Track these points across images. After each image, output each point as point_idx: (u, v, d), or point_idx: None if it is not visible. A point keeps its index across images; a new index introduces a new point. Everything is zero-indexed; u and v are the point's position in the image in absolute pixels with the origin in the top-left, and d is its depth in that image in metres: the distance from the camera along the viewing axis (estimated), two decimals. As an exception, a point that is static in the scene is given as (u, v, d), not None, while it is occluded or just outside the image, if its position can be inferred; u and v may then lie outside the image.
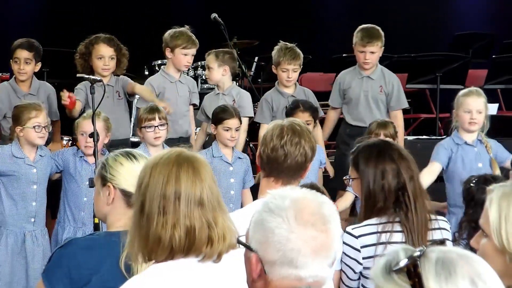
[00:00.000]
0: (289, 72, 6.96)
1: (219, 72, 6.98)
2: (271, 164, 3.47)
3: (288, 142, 3.42)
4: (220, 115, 6.32)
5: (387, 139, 3.88)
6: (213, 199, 2.53)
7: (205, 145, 7.03)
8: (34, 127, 5.81)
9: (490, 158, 6.13)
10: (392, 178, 3.67)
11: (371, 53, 6.91)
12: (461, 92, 6.22)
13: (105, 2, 11.17)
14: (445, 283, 1.61)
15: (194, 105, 7.14)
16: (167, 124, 6.22)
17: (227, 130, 6.26)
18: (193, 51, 6.89)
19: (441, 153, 6.17)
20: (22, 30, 9.90)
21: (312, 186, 5.06)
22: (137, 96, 7.04)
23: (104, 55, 6.67)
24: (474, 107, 6.05)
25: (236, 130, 6.29)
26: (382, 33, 6.92)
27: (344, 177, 3.98)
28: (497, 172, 6.04)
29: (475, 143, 6.16)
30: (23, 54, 6.72)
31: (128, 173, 3.07)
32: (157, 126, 6.13)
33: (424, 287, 1.62)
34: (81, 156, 6.06)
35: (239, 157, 6.38)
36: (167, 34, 6.87)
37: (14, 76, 6.87)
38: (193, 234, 2.48)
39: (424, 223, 3.65)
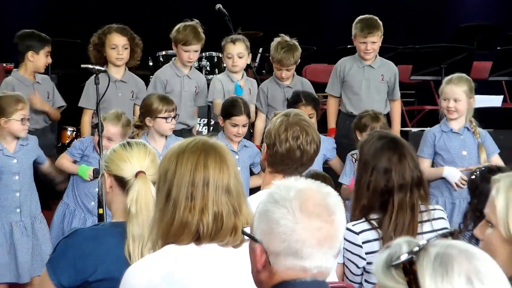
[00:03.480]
0: (282, 72, 6.92)
1: (247, 60, 6.90)
2: (286, 161, 3.55)
3: (304, 141, 3.53)
4: (229, 110, 6.18)
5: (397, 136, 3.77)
6: (238, 186, 2.58)
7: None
8: (21, 119, 5.67)
9: (478, 143, 6.14)
10: (380, 178, 3.59)
11: (372, 43, 6.89)
12: (445, 79, 6.24)
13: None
14: (441, 280, 1.58)
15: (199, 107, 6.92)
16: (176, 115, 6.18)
17: (234, 126, 6.16)
18: (195, 47, 6.68)
19: (424, 149, 6.20)
20: (25, 20, 9.90)
21: (316, 175, 5.04)
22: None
23: (118, 45, 6.54)
24: (451, 95, 6.07)
25: (244, 126, 6.16)
26: (381, 23, 6.91)
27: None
28: (483, 157, 6.05)
29: (461, 130, 6.15)
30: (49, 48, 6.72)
31: (119, 159, 3.10)
32: (173, 117, 6.05)
33: (420, 285, 1.57)
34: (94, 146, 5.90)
35: (245, 145, 6.28)
36: (175, 27, 6.71)
37: (17, 68, 6.82)
38: (221, 220, 2.53)
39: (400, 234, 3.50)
